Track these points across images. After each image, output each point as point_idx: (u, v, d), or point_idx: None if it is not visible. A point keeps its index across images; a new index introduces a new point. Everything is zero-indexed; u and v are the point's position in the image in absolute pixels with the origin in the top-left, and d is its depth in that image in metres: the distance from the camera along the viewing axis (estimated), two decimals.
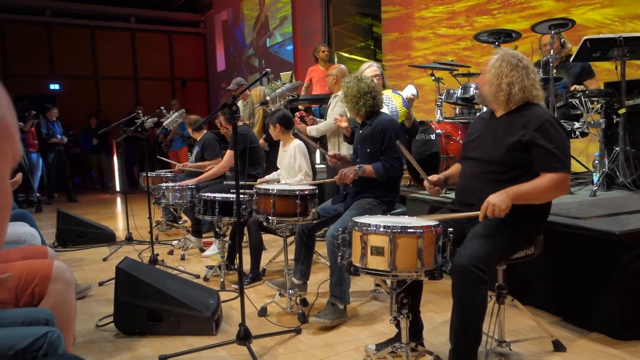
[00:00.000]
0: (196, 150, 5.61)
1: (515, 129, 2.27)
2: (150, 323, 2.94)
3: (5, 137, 0.69)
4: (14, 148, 0.70)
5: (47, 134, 8.83)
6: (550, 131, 2.19)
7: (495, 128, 2.37)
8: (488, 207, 2.10)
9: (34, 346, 1.42)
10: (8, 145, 0.69)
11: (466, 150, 2.52)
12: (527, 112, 2.29)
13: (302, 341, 2.81)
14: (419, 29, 7.73)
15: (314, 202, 3.07)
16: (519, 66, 2.30)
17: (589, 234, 2.74)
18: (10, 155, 0.70)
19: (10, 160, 0.70)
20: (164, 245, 5.28)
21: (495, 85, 2.31)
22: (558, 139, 2.19)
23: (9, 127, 0.70)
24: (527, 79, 2.29)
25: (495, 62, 2.33)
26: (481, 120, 2.55)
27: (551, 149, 2.16)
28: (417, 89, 4.27)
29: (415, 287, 2.43)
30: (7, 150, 0.69)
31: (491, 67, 2.34)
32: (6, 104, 0.70)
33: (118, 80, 13.69)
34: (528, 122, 2.23)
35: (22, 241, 2.85)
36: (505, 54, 2.34)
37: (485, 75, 2.37)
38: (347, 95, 3.16)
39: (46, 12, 12.76)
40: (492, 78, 2.32)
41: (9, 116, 0.70)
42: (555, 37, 4.14)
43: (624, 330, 2.63)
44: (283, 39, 10.95)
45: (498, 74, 2.30)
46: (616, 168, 3.73)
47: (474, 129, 2.54)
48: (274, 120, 3.99)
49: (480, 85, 2.43)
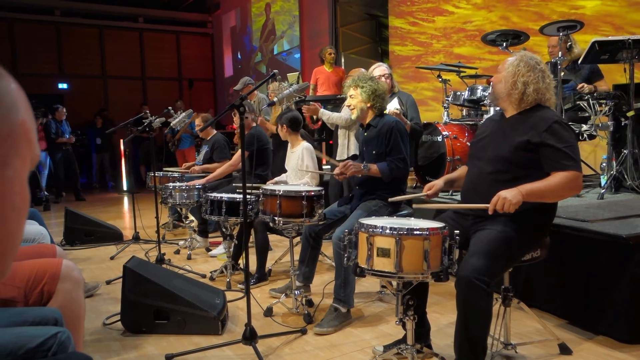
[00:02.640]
0: (205, 150, 5.62)
1: (524, 129, 2.27)
2: (157, 322, 2.96)
3: (25, 140, 0.69)
4: (33, 151, 0.71)
5: (55, 134, 8.89)
6: (560, 131, 2.20)
7: (505, 127, 2.37)
8: (499, 200, 2.09)
9: (44, 346, 1.43)
10: (27, 149, 0.69)
11: (473, 151, 2.53)
12: (537, 114, 2.29)
13: (307, 341, 2.82)
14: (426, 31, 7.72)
15: (320, 203, 3.07)
16: (536, 68, 2.31)
17: (596, 237, 2.73)
18: (28, 159, 0.70)
19: (28, 164, 0.71)
20: (171, 244, 5.30)
21: (511, 83, 2.32)
22: (568, 139, 2.19)
23: (28, 131, 0.70)
24: (542, 82, 2.30)
25: (514, 62, 2.34)
26: (490, 122, 2.55)
27: (562, 148, 2.17)
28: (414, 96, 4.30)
29: (421, 289, 2.43)
30: (26, 154, 0.69)
31: (509, 66, 2.35)
32: (25, 107, 0.70)
33: (126, 80, 13.75)
34: (537, 123, 2.24)
35: (32, 240, 2.86)
36: (525, 55, 2.36)
37: (501, 73, 2.38)
38: (362, 94, 3.16)
39: (55, 11, 12.83)
40: (508, 76, 2.33)
41: (28, 120, 0.71)
42: (564, 39, 4.13)
43: (631, 333, 2.62)
44: (291, 47, 10.99)
45: (515, 72, 2.31)
46: (624, 171, 3.72)
47: (483, 130, 2.54)
48: (283, 120, 4.02)
49: (494, 82, 2.43)
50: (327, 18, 9.65)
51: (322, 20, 9.81)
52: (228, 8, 13.80)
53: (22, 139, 0.69)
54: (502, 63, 2.43)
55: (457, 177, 2.62)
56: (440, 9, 7.49)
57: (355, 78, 3.23)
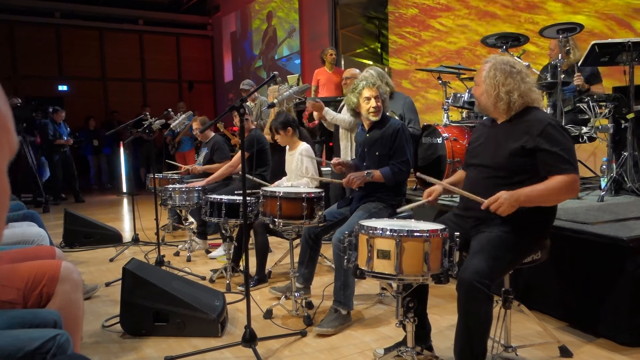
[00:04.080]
0: (204, 152, 5.62)
1: (517, 135, 2.26)
2: (156, 324, 2.95)
3: (1, 128, 0.66)
4: (10, 140, 0.67)
5: (53, 136, 8.88)
6: (554, 134, 2.18)
7: (497, 134, 2.36)
8: (497, 201, 2.11)
9: (42, 348, 1.43)
10: (4, 137, 0.66)
11: (470, 157, 2.51)
12: (528, 118, 2.27)
13: (307, 344, 2.82)
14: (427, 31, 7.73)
15: (320, 205, 3.07)
16: (513, 72, 2.28)
17: (597, 239, 2.72)
18: (7, 147, 0.66)
19: (7, 153, 0.67)
20: (170, 246, 5.30)
21: (494, 96, 2.29)
22: (562, 142, 2.17)
23: (3, 116, 0.66)
24: (523, 84, 2.28)
25: (489, 73, 2.30)
26: (483, 127, 2.53)
27: (557, 151, 2.15)
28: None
29: (421, 291, 2.42)
30: (3, 142, 0.66)
31: (485, 78, 2.32)
32: (0, 95, 0.67)
33: (126, 82, 13.76)
34: (530, 128, 2.22)
35: (31, 241, 2.86)
36: (496, 62, 2.32)
37: (481, 86, 2.35)
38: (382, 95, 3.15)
39: (55, 13, 12.84)
40: (490, 89, 2.30)
41: (3, 106, 0.67)
42: (563, 42, 4.13)
43: (631, 336, 2.61)
44: (290, 52, 11.01)
45: (494, 84, 2.28)
46: (624, 173, 3.71)
47: (477, 135, 2.53)
48: (278, 126, 3.96)
49: (477, 96, 2.41)
50: (327, 20, 9.67)
51: (322, 22, 9.82)
52: (228, 10, 13.82)
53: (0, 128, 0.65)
54: (477, 73, 2.41)
55: (456, 182, 2.61)
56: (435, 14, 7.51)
57: (368, 77, 3.23)
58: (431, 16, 7.61)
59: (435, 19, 7.55)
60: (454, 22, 7.24)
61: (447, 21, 7.36)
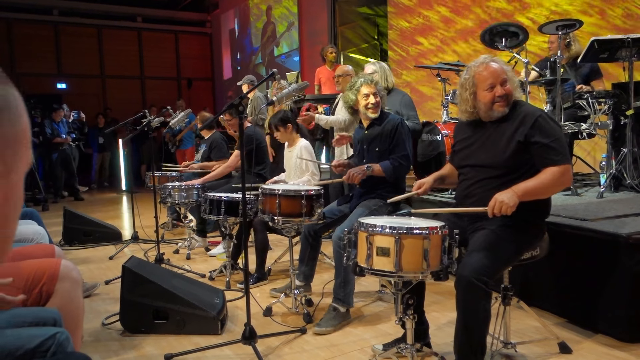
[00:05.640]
0: (203, 149, 5.62)
1: (511, 131, 2.28)
2: (156, 322, 2.95)
3: (25, 145, 0.71)
4: (28, 155, 0.73)
5: (51, 134, 8.87)
6: (545, 126, 2.22)
7: (490, 133, 2.36)
8: (496, 204, 2.10)
9: (42, 347, 1.43)
10: (25, 152, 0.72)
11: (462, 159, 2.48)
12: (519, 112, 2.30)
13: (307, 341, 2.82)
14: (425, 26, 7.71)
15: (319, 202, 3.07)
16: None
17: (596, 235, 2.73)
18: (25, 161, 0.72)
19: (25, 166, 0.73)
20: (170, 244, 5.30)
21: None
22: (553, 133, 2.22)
23: (28, 137, 0.72)
24: (516, 80, 2.34)
25: (510, 73, 2.34)
26: (467, 127, 2.48)
27: (548, 143, 2.19)
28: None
29: (419, 287, 2.43)
30: (24, 158, 0.72)
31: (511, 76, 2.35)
32: (24, 112, 0.72)
33: (124, 80, 13.74)
34: (522, 121, 2.26)
35: (30, 240, 2.86)
36: (499, 61, 2.34)
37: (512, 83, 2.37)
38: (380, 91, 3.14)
39: (53, 11, 12.82)
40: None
41: (24, 122, 0.72)
42: (563, 37, 4.12)
43: (631, 332, 2.62)
44: (290, 49, 10.99)
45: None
46: (623, 170, 3.72)
47: (465, 137, 2.48)
48: (281, 122, 3.95)
49: (509, 93, 2.34)
50: (326, 17, 9.65)
51: (321, 19, 9.81)
52: (227, 7, 13.80)
53: (24, 143, 0.71)
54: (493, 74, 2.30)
55: (447, 174, 2.60)
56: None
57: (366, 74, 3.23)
58: (429, 9, 7.59)
59: (434, 12, 7.53)
60: (454, 22, 7.23)
61: (446, 17, 7.35)
